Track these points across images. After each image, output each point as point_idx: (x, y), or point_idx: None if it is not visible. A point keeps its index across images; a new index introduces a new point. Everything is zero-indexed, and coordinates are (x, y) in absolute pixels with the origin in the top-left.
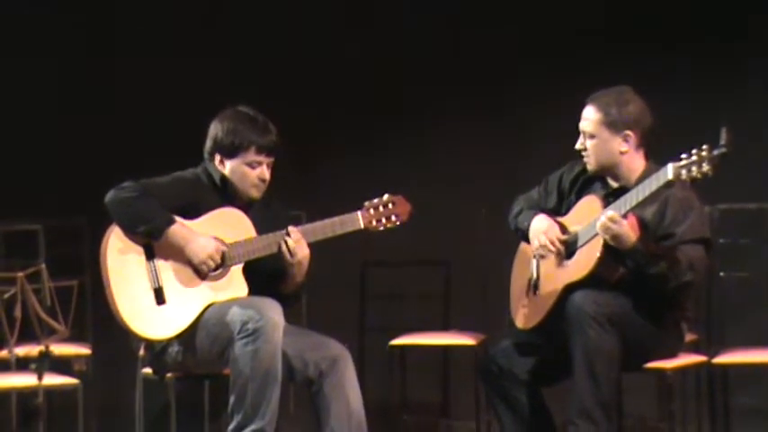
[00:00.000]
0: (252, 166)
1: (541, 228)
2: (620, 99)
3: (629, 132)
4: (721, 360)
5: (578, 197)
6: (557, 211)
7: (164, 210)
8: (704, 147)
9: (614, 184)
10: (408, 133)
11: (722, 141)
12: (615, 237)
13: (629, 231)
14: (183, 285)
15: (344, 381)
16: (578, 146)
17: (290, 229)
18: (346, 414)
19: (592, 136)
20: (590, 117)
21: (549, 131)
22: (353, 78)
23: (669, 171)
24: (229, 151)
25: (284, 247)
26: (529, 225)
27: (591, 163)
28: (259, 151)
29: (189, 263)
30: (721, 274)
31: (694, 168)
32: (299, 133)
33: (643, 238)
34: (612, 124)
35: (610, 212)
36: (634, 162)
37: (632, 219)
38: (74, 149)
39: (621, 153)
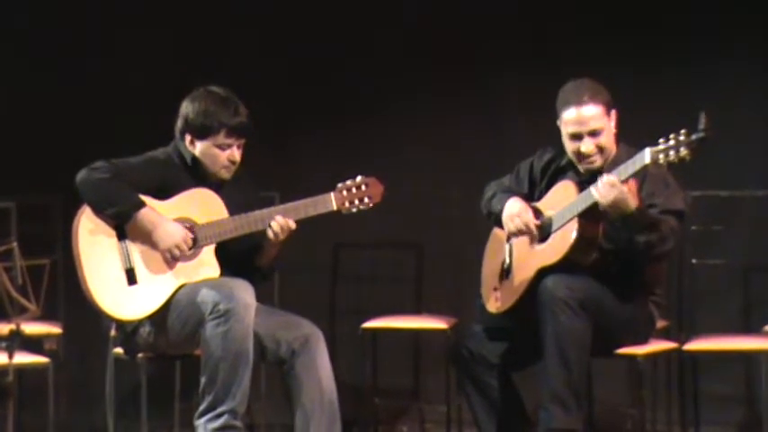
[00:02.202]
0: (222, 147)
1: (515, 210)
2: (595, 86)
3: (613, 111)
4: (692, 347)
5: (549, 185)
6: (529, 198)
7: (134, 193)
8: (682, 131)
9: (587, 173)
10: (382, 116)
11: (701, 126)
12: (616, 201)
13: (630, 196)
14: (154, 266)
15: (316, 360)
16: (589, 149)
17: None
18: (318, 393)
19: (601, 131)
20: (594, 113)
21: (522, 116)
22: (327, 61)
23: (647, 155)
24: (200, 132)
25: (272, 228)
26: (502, 208)
27: (599, 160)
28: (229, 134)
29: (158, 247)
30: (693, 260)
31: (672, 153)
32: (272, 114)
33: (643, 206)
34: (607, 110)
35: (611, 177)
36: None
37: (632, 184)
38: (46, 126)
39: (614, 135)
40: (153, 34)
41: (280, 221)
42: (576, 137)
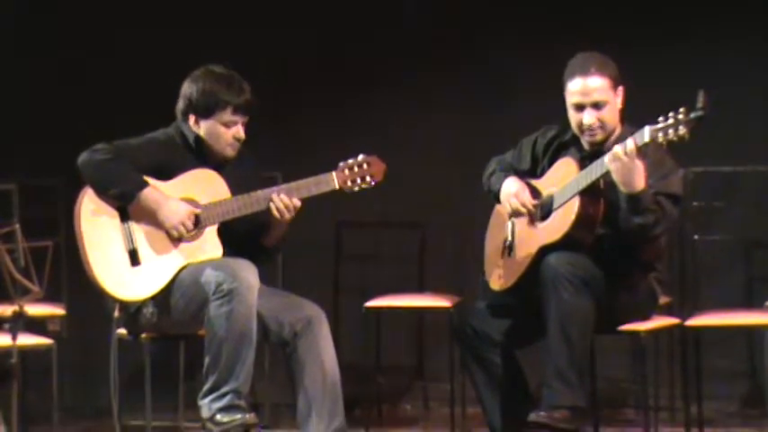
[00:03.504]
0: (227, 125)
1: (511, 190)
2: (604, 59)
3: (620, 87)
4: (694, 322)
5: (552, 161)
6: (531, 174)
7: (136, 172)
8: (681, 110)
9: (590, 149)
10: (384, 95)
11: (699, 104)
12: (627, 171)
13: (641, 172)
14: (157, 247)
15: (319, 342)
16: (591, 120)
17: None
18: (321, 375)
19: (605, 104)
20: (599, 85)
21: (524, 94)
22: (329, 40)
23: (646, 133)
24: (204, 111)
25: (276, 207)
26: (500, 188)
27: (601, 134)
28: (235, 111)
29: (162, 225)
30: (695, 236)
31: (671, 131)
32: (274, 94)
33: (648, 189)
34: (614, 84)
35: (619, 148)
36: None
37: (642, 165)
38: (47, 108)
39: (619, 112)
40: (152, 25)
41: (284, 200)
42: (579, 107)
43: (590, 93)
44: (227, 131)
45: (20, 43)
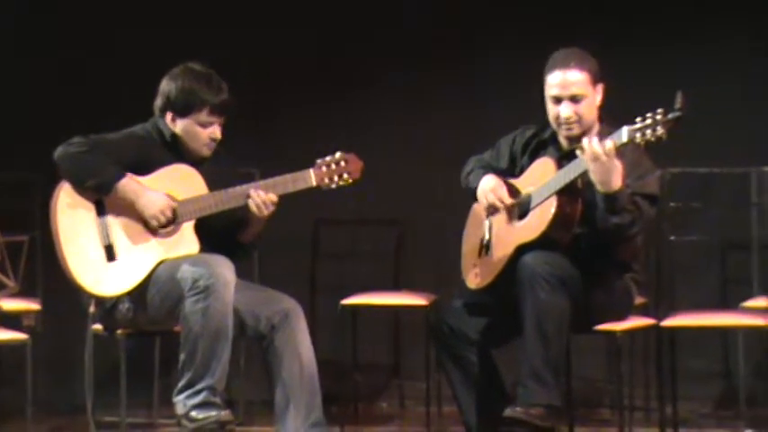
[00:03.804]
0: (204, 125)
1: (489, 186)
2: (584, 54)
3: (600, 84)
4: (670, 323)
5: (531, 160)
6: (509, 173)
7: (113, 164)
8: (659, 110)
9: (568, 147)
10: (363, 92)
11: (677, 105)
12: (606, 171)
13: (619, 172)
14: (133, 242)
15: (296, 335)
16: (568, 113)
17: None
18: (298, 367)
19: (582, 98)
20: (577, 79)
21: (504, 93)
22: (309, 38)
23: (624, 134)
24: (182, 110)
25: (254, 202)
26: (477, 185)
27: (577, 129)
28: (212, 112)
29: (140, 218)
30: (672, 237)
31: (649, 132)
32: (252, 91)
33: (624, 187)
34: (593, 80)
35: (596, 144)
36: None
37: (620, 165)
38: (24, 103)
39: (597, 109)
40: (129, 21)
41: (261, 195)
42: (557, 100)
43: (568, 86)
44: (203, 131)
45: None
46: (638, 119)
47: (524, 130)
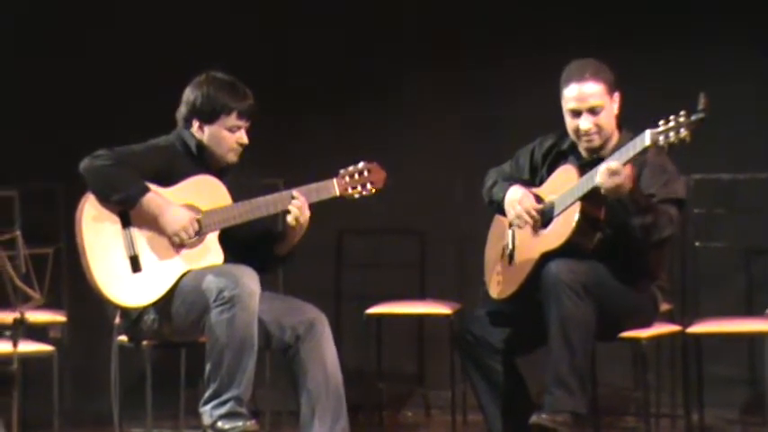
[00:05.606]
0: (232, 130)
1: (516, 197)
2: (599, 65)
3: (616, 93)
4: (695, 330)
5: (550, 170)
6: (530, 184)
7: (138, 178)
8: (682, 113)
9: (588, 157)
10: (385, 102)
11: (700, 107)
12: (617, 187)
13: (627, 180)
14: (158, 253)
15: (321, 344)
16: (587, 126)
17: (295, 193)
18: (323, 377)
19: (600, 109)
20: (595, 91)
21: (524, 104)
22: (330, 48)
23: (647, 137)
24: (209, 116)
25: (291, 213)
26: (504, 196)
27: (598, 139)
28: (240, 116)
29: (164, 231)
30: (696, 243)
31: (672, 134)
32: (276, 101)
33: (637, 189)
34: (610, 89)
35: (611, 163)
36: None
37: (629, 169)
38: (48, 114)
39: (615, 117)
40: (154, 16)
41: (297, 204)
42: (576, 113)
43: (585, 98)
44: (231, 136)
45: (20, 43)
46: (661, 122)
47: (542, 140)
